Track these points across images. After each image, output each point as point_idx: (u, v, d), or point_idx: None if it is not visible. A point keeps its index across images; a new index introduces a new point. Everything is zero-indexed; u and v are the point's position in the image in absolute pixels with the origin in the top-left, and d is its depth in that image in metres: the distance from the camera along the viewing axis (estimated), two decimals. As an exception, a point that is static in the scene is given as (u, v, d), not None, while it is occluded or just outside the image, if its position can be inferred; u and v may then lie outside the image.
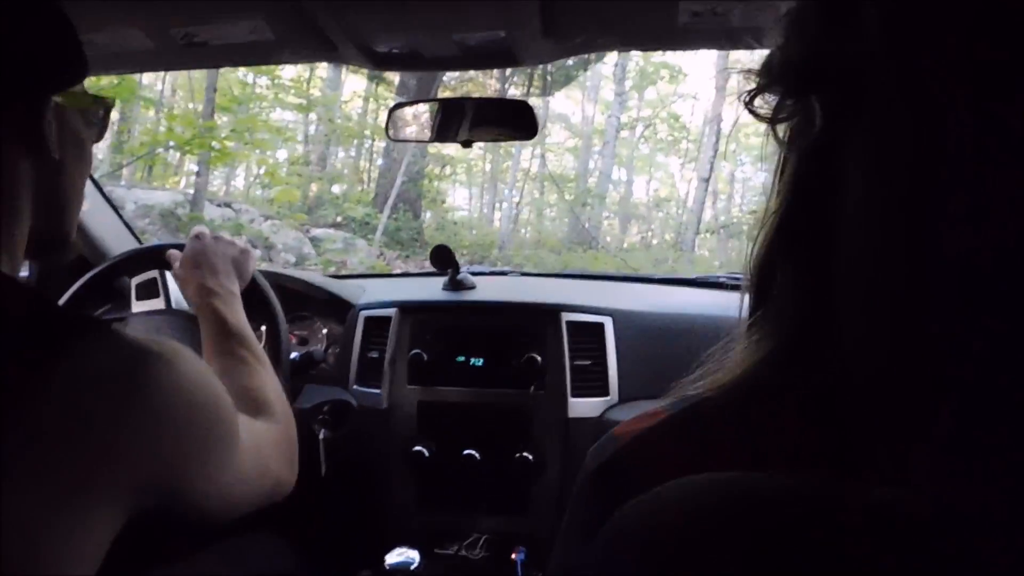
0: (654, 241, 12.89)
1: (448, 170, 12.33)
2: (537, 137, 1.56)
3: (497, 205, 13.54)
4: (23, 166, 0.63)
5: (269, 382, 0.94)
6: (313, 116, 11.13)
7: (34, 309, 0.56)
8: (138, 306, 1.34)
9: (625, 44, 1.10)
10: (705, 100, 13.14)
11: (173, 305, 1.32)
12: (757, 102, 0.44)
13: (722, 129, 11.37)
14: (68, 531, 0.51)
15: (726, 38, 1.02)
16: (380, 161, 11.17)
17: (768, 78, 0.43)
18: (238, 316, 1.05)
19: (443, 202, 12.08)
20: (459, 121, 1.39)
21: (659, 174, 15.21)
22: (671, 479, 0.42)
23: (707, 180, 11.01)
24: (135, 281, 1.35)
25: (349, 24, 1.05)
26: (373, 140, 11.82)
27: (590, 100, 13.75)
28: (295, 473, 0.83)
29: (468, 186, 14.71)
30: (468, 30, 1.06)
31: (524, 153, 12.49)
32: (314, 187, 10.88)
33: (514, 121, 1.36)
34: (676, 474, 0.42)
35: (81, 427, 0.52)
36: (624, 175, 14.56)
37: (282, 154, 10.67)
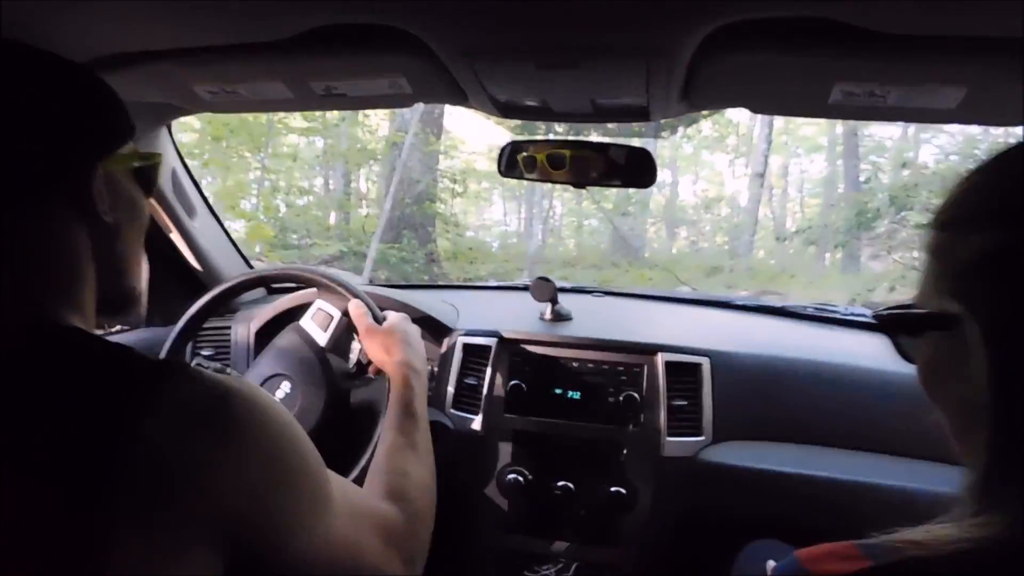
0: (704, 245, 12.50)
1: (460, 187, 11.05)
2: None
3: (541, 217, 12.86)
4: (79, 233, 0.65)
5: (419, 476, 0.96)
6: (321, 142, 10.09)
7: (116, 359, 0.58)
8: (305, 325, 1.41)
9: (763, 111, 1.11)
10: None
11: (333, 349, 1.39)
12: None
13: (774, 119, 11.01)
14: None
15: (876, 115, 1.02)
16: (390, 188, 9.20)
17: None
18: (423, 402, 1.11)
19: (457, 223, 10.67)
20: (575, 163, 1.40)
21: (705, 172, 14.75)
22: None
23: (761, 175, 10.68)
24: (316, 306, 1.42)
25: (488, 84, 1.08)
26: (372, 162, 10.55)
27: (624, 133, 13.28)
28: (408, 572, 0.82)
29: (503, 199, 14.04)
30: (609, 98, 1.08)
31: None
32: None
33: (632, 167, 1.37)
34: None
35: (176, 467, 0.54)
36: (668, 176, 14.16)
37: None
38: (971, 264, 0.49)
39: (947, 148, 8.13)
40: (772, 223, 12.88)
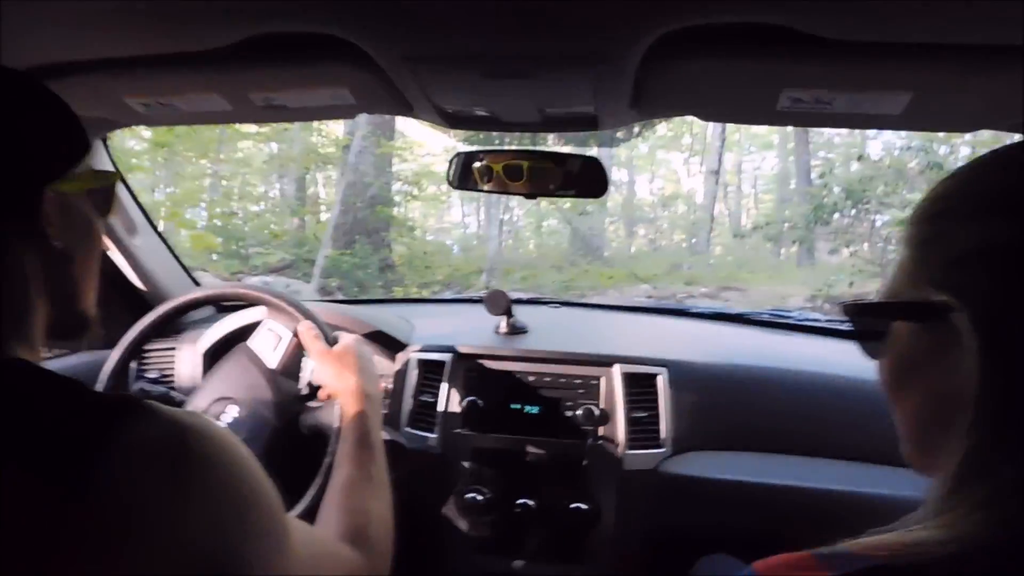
0: (663, 243, 12.62)
1: (415, 190, 10.79)
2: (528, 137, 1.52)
3: (499, 219, 12.42)
4: (28, 258, 0.61)
5: (379, 515, 0.92)
6: (275, 146, 9.78)
7: (65, 395, 0.54)
8: (254, 347, 1.36)
9: (712, 118, 1.09)
10: None
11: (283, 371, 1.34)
12: None
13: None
14: None
15: (824, 122, 1.01)
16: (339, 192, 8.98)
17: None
18: (379, 431, 1.07)
19: (412, 227, 10.31)
20: (532, 174, 1.37)
21: (662, 171, 14.93)
22: None
23: (716, 172, 10.82)
24: (266, 326, 1.37)
25: (433, 94, 1.04)
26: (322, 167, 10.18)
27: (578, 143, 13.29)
28: None
29: (462, 201, 13.95)
30: (557, 107, 1.05)
31: None
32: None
33: (583, 177, 1.34)
34: None
35: (132, 504, 0.51)
36: (625, 176, 14.30)
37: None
38: (967, 253, 0.48)
39: (895, 143, 8.34)
40: (728, 220, 13.06)
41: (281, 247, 8.50)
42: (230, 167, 8.92)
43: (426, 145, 11.49)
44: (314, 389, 1.34)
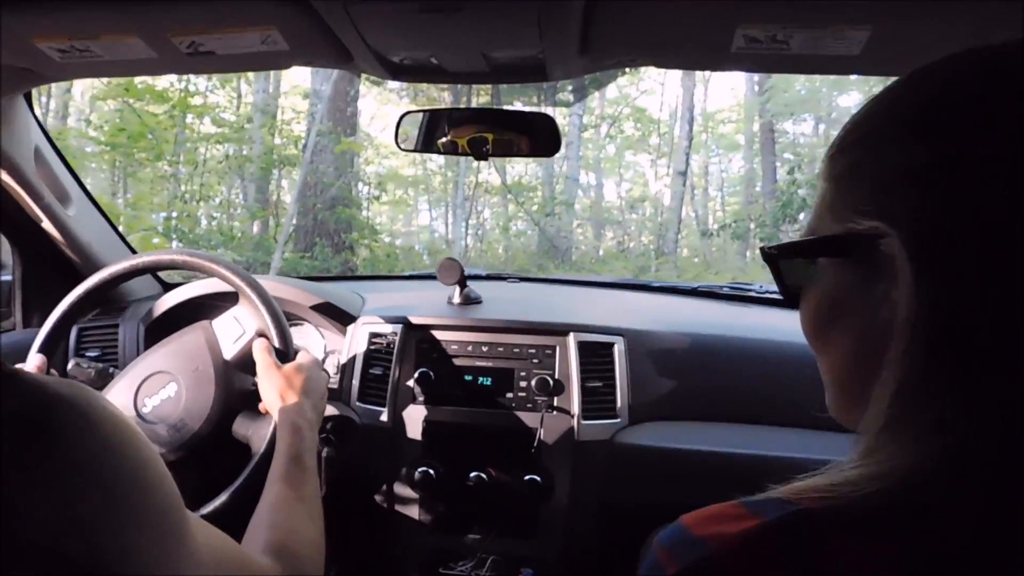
0: (631, 245, 12.62)
1: (378, 191, 10.57)
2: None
3: (464, 219, 12.15)
4: None
5: (307, 533, 0.88)
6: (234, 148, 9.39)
7: None
8: (217, 329, 1.31)
9: (666, 64, 1.06)
10: (672, 88, 12.89)
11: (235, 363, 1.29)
12: None
13: (694, 117, 11.18)
14: None
15: (780, 64, 0.98)
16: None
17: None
18: (313, 454, 1.04)
19: (375, 229, 9.88)
20: (475, 129, 1.33)
21: (629, 174, 14.93)
22: None
23: (684, 174, 10.88)
24: (233, 313, 1.31)
25: (369, 35, 0.99)
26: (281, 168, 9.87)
27: (548, 103, 13.42)
28: None
29: (431, 205, 13.80)
30: (501, 49, 1.01)
31: (481, 163, 11.67)
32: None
33: (535, 135, 1.31)
34: None
35: None
36: (593, 179, 14.29)
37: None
38: (894, 176, 0.46)
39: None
40: (695, 222, 13.14)
41: (236, 249, 8.24)
42: (187, 170, 8.69)
43: (392, 146, 11.38)
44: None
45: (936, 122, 0.45)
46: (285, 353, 1.21)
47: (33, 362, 1.23)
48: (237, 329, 1.29)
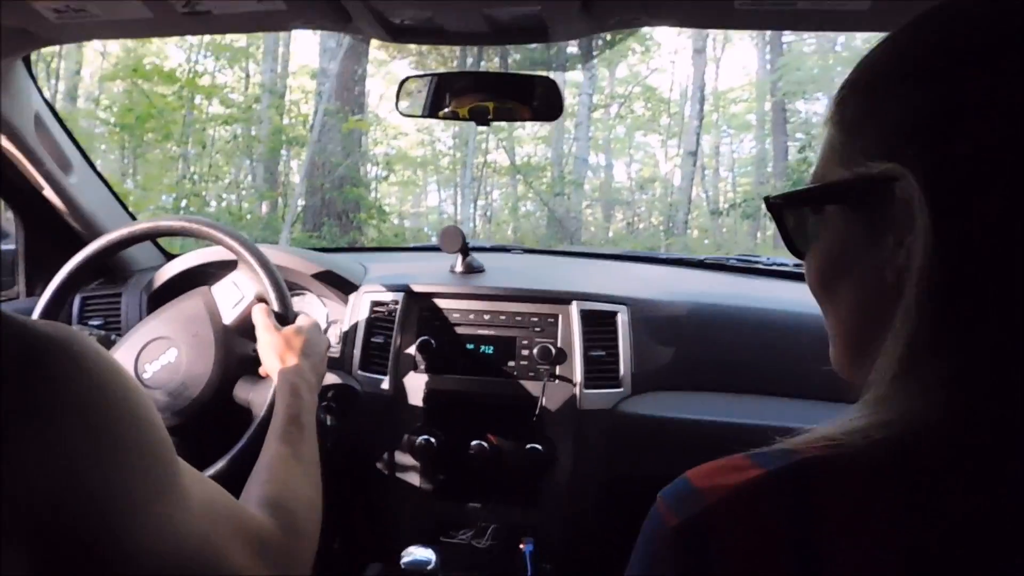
0: (641, 226, 12.56)
1: (386, 172, 10.61)
2: (505, 124, 1.51)
3: (472, 199, 12.11)
4: None
5: (303, 490, 0.87)
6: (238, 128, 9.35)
7: None
8: (216, 294, 1.31)
9: (669, 21, 1.04)
10: (683, 67, 12.78)
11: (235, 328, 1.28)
12: None
13: (705, 96, 11.06)
14: None
15: (785, 21, 0.96)
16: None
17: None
18: (312, 414, 1.04)
19: (382, 209, 9.78)
20: (476, 98, 1.32)
21: (639, 155, 14.85)
22: (777, 549, 0.40)
23: (694, 154, 10.79)
24: (232, 279, 1.31)
25: None
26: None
27: (557, 68, 13.18)
28: None
29: (440, 186, 13.78)
30: (502, 6, 0.99)
31: (491, 142, 11.40)
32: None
33: (538, 99, 1.29)
34: (784, 544, 0.40)
35: None
36: (602, 159, 14.19)
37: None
38: (909, 117, 0.44)
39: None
40: (706, 203, 13.08)
41: (246, 229, 8.25)
42: (196, 150, 8.70)
43: (401, 126, 11.36)
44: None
45: (958, 60, 0.43)
46: (284, 316, 1.21)
47: None
48: (236, 294, 1.28)
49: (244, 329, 1.26)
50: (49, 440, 0.46)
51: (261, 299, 1.25)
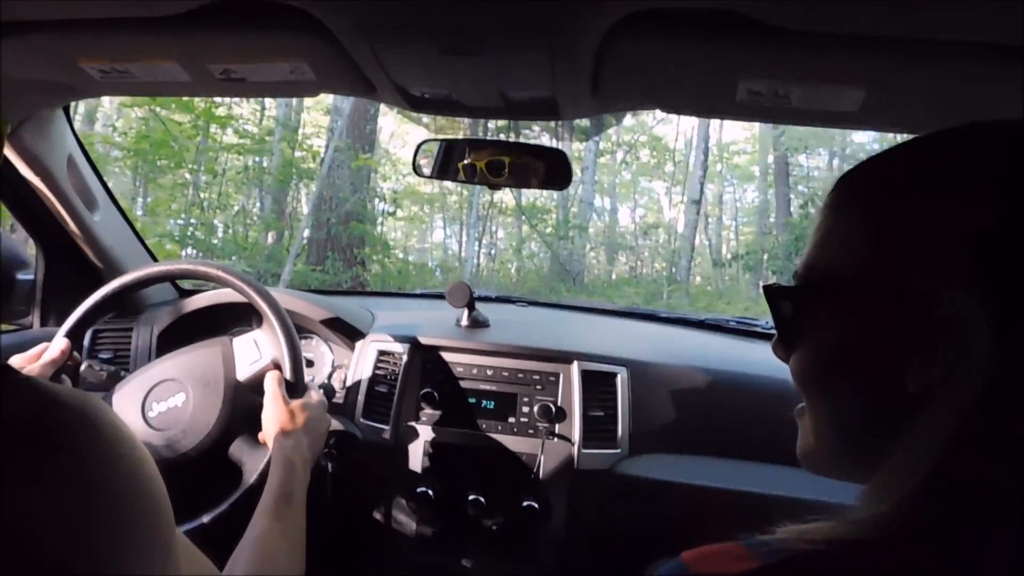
0: (643, 271, 12.59)
1: (393, 207, 10.55)
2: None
3: (478, 238, 12.19)
4: None
5: (286, 571, 0.91)
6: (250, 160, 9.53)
7: None
8: (236, 347, 1.34)
9: (673, 110, 1.10)
10: (688, 119, 12.90)
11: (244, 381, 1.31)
12: None
13: (709, 147, 11.16)
14: None
15: (783, 116, 1.02)
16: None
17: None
18: (304, 490, 1.06)
19: (389, 246, 9.97)
20: (508, 169, 1.37)
21: (644, 200, 14.95)
22: None
23: (698, 202, 10.86)
24: (254, 336, 1.35)
25: (392, 71, 1.04)
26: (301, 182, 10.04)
27: (565, 126, 13.17)
28: None
29: (446, 222, 13.85)
30: (516, 89, 1.05)
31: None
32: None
33: (548, 169, 1.35)
34: None
35: None
36: (607, 203, 14.29)
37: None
38: (967, 234, 0.43)
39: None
40: (708, 250, 13.15)
41: (249, 258, 8.29)
42: (207, 178, 8.81)
43: (410, 163, 11.42)
44: None
45: (1006, 186, 0.43)
46: (295, 387, 1.24)
47: (58, 345, 1.28)
48: (255, 353, 1.32)
49: (254, 388, 1.29)
50: (51, 500, 0.46)
51: (276, 365, 1.29)
